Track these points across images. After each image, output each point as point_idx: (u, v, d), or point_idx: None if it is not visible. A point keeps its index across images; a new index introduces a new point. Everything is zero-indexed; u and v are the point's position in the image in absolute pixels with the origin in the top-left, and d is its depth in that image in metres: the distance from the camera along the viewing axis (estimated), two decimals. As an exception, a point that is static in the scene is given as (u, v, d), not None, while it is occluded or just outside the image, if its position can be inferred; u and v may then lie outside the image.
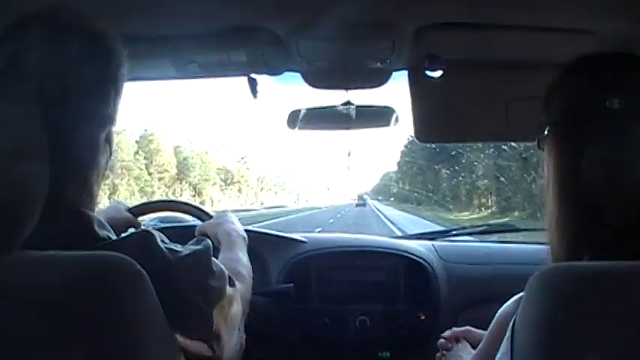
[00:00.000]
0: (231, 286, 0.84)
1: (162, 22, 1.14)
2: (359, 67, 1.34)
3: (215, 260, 0.81)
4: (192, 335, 0.76)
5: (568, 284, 0.61)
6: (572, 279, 0.62)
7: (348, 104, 1.45)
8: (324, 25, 1.10)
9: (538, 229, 2.28)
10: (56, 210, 0.67)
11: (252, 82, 1.34)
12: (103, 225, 0.75)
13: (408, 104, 1.35)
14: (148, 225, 1.42)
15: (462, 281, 1.63)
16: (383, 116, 1.51)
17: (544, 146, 0.77)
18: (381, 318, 1.58)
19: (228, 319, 0.81)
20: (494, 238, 2.05)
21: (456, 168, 24.71)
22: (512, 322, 0.67)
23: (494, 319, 0.81)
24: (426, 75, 1.30)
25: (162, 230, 0.78)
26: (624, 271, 0.61)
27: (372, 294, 1.62)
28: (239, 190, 42.38)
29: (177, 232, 0.95)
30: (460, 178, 24.68)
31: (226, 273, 0.83)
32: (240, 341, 0.88)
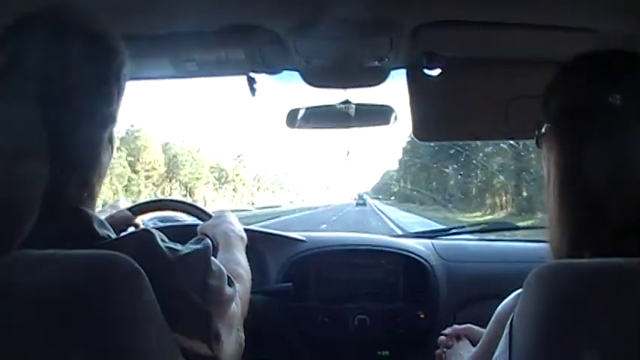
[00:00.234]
0: (231, 287, 0.84)
1: (161, 20, 1.14)
2: (357, 66, 1.33)
3: (214, 260, 0.81)
4: (192, 334, 0.75)
5: (566, 281, 0.61)
6: (570, 276, 0.62)
7: (346, 103, 1.45)
8: (322, 24, 1.10)
9: (537, 227, 2.29)
10: (56, 209, 0.68)
11: (251, 81, 1.34)
12: (102, 224, 0.75)
13: (406, 103, 1.35)
14: (147, 224, 1.42)
15: (462, 280, 1.63)
16: (382, 115, 1.51)
17: (542, 144, 0.77)
18: (381, 317, 1.58)
19: (227, 318, 0.81)
20: (493, 236, 2.04)
21: (468, 163, 21.18)
22: (510, 319, 0.68)
23: (493, 316, 0.81)
24: (425, 73, 1.31)
25: (161, 229, 0.78)
26: (623, 268, 0.61)
27: (371, 293, 1.61)
28: (234, 190, 41.57)
29: (177, 232, 0.96)
30: (473, 174, 21.82)
31: (225, 273, 0.82)
32: (240, 341, 0.88)
